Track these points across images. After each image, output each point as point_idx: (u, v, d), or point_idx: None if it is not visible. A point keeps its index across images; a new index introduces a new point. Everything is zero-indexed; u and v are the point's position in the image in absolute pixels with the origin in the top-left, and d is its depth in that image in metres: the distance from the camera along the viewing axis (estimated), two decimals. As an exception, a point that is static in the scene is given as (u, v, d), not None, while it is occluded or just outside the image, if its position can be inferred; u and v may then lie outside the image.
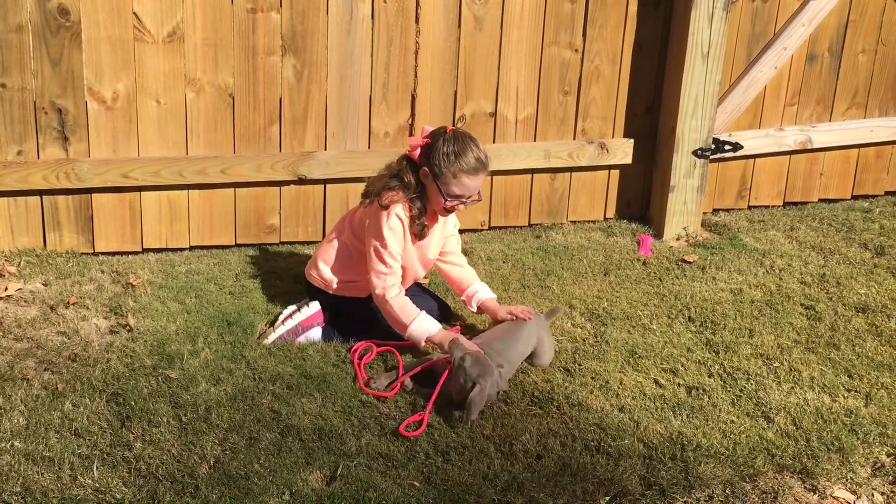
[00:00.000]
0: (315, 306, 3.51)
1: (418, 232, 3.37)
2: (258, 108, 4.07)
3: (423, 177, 3.33)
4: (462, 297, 3.60)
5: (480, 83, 4.32)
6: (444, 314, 3.67)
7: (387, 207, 3.30)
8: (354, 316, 3.50)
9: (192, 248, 4.20)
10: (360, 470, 2.73)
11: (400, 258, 3.35)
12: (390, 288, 3.32)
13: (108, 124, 3.91)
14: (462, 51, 4.24)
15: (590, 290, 3.97)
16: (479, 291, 3.55)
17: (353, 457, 2.79)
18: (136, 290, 3.77)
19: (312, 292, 3.59)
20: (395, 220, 3.30)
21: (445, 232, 3.58)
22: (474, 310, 3.56)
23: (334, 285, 3.51)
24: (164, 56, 3.89)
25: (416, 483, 2.70)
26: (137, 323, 3.50)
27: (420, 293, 3.65)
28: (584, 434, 2.95)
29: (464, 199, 3.33)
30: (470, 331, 3.56)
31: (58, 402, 2.99)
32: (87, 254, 4.05)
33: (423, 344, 3.32)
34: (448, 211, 3.39)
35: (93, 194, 3.98)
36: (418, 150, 3.33)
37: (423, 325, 3.29)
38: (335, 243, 3.52)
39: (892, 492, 2.77)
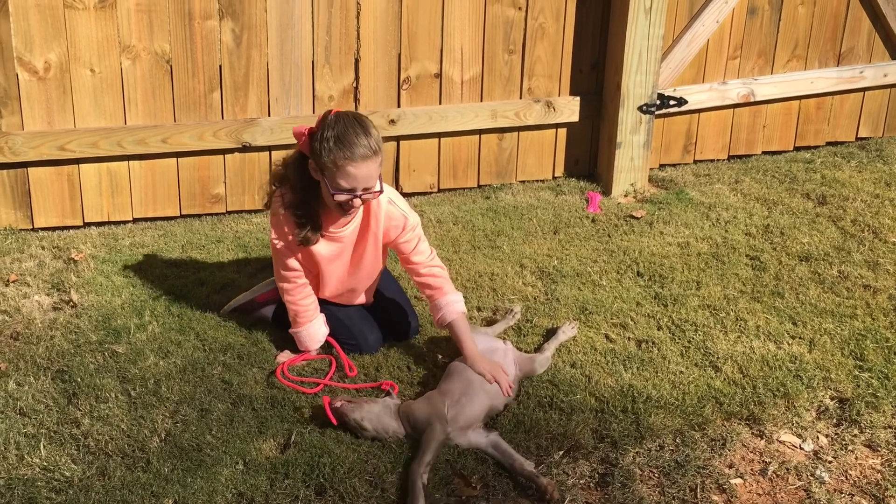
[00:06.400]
0: (272, 283, 3.25)
1: (301, 240, 2.94)
2: (197, 74, 3.97)
3: (313, 171, 2.86)
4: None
5: (425, 44, 4.27)
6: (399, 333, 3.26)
7: (270, 208, 2.97)
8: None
9: (135, 220, 4.11)
10: (313, 436, 2.72)
11: (296, 264, 3.04)
12: (287, 291, 3.08)
13: (41, 95, 3.79)
14: (405, 11, 4.18)
15: (540, 249, 3.99)
16: (444, 309, 3.00)
17: (307, 423, 2.78)
18: (78, 265, 3.68)
19: None
20: (279, 221, 2.94)
21: (379, 237, 3.05)
22: (441, 329, 3.09)
23: None
24: (96, 23, 3.77)
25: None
26: (81, 298, 3.42)
27: (364, 317, 3.21)
28: (536, 391, 2.97)
29: (357, 193, 2.83)
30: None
31: (1, 381, 2.92)
32: (26, 230, 3.95)
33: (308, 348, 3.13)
34: (344, 209, 2.89)
35: (29, 168, 3.87)
36: (304, 140, 2.86)
37: (303, 336, 3.11)
38: None
39: (836, 434, 2.84)
